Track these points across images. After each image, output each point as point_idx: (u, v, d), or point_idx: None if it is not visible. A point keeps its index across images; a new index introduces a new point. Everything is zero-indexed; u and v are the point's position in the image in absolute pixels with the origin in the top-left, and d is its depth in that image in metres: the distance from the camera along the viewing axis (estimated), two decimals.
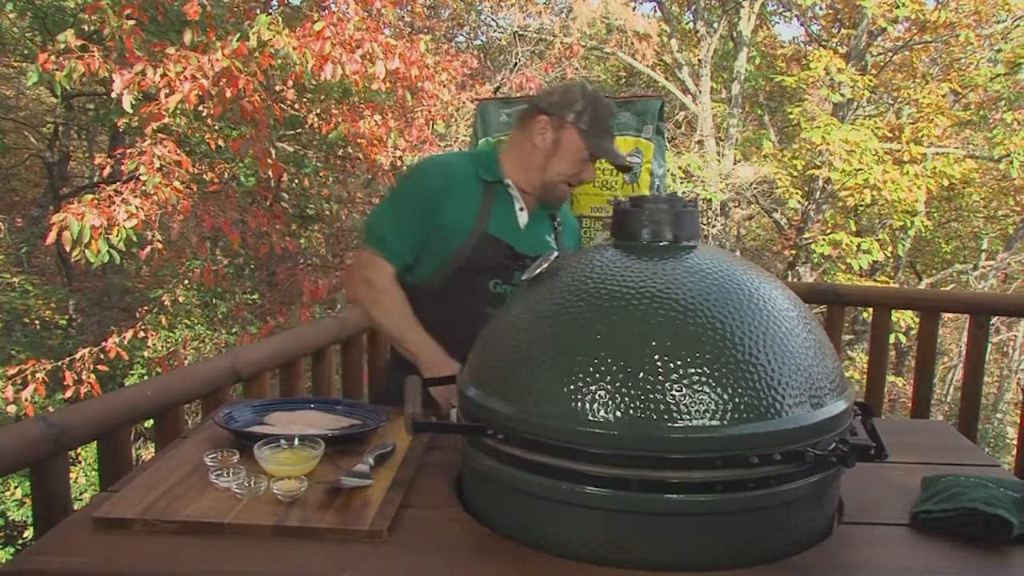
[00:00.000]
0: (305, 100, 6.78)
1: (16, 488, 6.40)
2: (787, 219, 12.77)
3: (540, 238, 2.06)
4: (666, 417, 1.12)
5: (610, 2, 10.34)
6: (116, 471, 1.93)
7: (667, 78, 12.29)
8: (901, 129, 10.62)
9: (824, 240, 10.50)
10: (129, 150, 5.67)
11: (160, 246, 5.93)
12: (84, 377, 5.86)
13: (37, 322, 9.03)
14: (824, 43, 12.42)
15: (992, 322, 3.41)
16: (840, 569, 1.20)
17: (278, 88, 6.30)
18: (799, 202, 11.19)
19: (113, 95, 5.23)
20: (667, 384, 1.13)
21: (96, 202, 5.26)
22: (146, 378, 6.91)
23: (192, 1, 5.40)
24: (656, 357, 1.15)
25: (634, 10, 11.60)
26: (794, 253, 11.99)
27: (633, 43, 10.93)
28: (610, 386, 1.14)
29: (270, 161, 5.98)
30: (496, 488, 1.26)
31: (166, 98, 5.16)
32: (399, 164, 6.63)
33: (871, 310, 3.76)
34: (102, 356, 6.08)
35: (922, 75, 11.68)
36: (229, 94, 5.31)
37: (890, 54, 11.97)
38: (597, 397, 1.14)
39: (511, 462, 1.21)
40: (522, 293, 1.40)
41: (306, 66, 5.39)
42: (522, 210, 2.04)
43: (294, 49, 5.29)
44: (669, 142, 11.23)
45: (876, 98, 12.17)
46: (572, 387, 1.16)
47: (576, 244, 2.29)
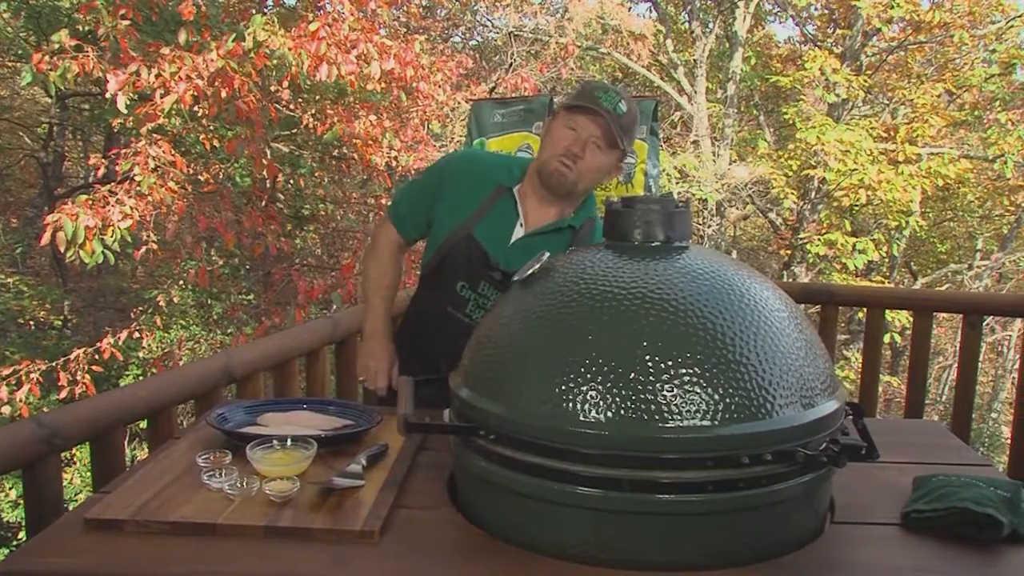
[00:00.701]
0: (300, 100, 6.78)
1: (11, 489, 6.38)
2: (782, 219, 12.78)
3: (530, 257, 2.02)
4: (657, 417, 1.13)
5: (605, 2, 10.34)
6: (109, 472, 1.92)
7: (663, 78, 12.30)
8: (896, 129, 10.64)
9: (819, 240, 10.52)
10: (124, 150, 5.66)
11: (155, 246, 5.92)
12: (79, 378, 5.84)
13: (32, 323, 9.00)
14: (819, 43, 12.45)
15: (986, 322, 3.42)
16: (831, 568, 1.20)
17: (273, 88, 6.29)
18: (794, 202, 11.21)
19: (108, 95, 5.22)
20: (658, 384, 1.14)
21: (91, 202, 5.24)
22: (141, 379, 6.90)
23: (187, 1, 5.39)
24: (647, 357, 1.15)
25: (629, 10, 11.61)
26: (789, 253, 12.01)
27: (629, 43, 10.93)
28: (601, 386, 1.15)
29: (265, 162, 5.98)
30: (488, 489, 1.26)
31: (161, 98, 5.15)
32: (394, 164, 6.63)
33: (865, 310, 3.77)
34: (97, 357, 6.06)
35: (917, 75, 11.69)
36: (224, 94, 5.30)
37: (885, 54, 12.00)
38: (588, 397, 1.15)
39: (503, 463, 1.21)
40: (514, 293, 1.40)
41: (301, 67, 5.39)
42: (521, 226, 1.99)
43: (289, 50, 5.28)
44: (665, 142, 11.25)
45: (871, 98, 12.19)
46: (563, 387, 1.16)
47: None
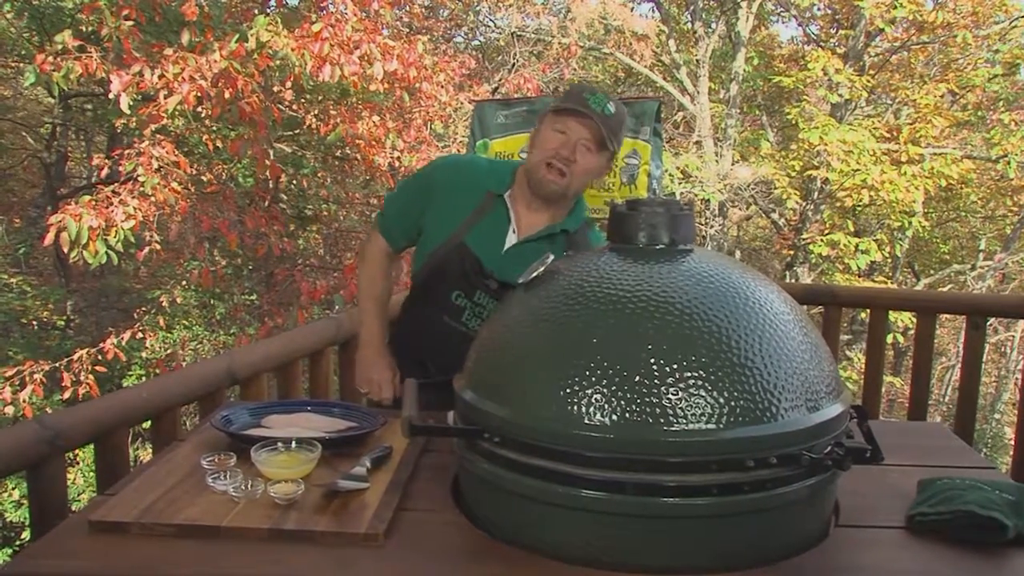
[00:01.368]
0: (303, 101, 6.78)
1: (13, 489, 6.39)
2: (785, 219, 12.77)
3: (525, 264, 2.00)
4: (662, 421, 1.12)
5: (608, 2, 10.33)
6: (113, 473, 1.93)
7: (665, 79, 12.29)
8: (899, 129, 10.63)
9: (822, 240, 10.51)
10: (127, 151, 5.66)
11: (158, 247, 5.93)
12: (82, 378, 5.85)
13: (35, 323, 9.01)
14: (822, 43, 12.43)
15: (990, 322, 3.42)
16: (836, 572, 1.20)
17: (276, 89, 6.30)
18: (797, 202, 11.19)
19: (111, 96, 5.23)
20: (663, 388, 1.14)
21: (94, 203, 5.25)
22: (144, 379, 6.91)
23: (190, 2, 5.40)
24: (652, 361, 1.15)
25: (632, 11, 11.61)
26: (792, 253, 12.00)
27: (631, 43, 10.93)
28: (606, 389, 1.15)
29: (268, 162, 5.98)
30: (492, 491, 1.26)
31: (165, 99, 5.16)
32: (397, 165, 6.63)
33: (868, 311, 3.76)
34: (100, 357, 6.07)
35: (920, 76, 11.68)
36: (227, 95, 5.31)
37: (888, 55, 11.98)
38: (593, 400, 1.15)
39: (507, 465, 1.21)
40: (518, 295, 1.40)
41: (304, 67, 5.39)
42: (514, 232, 1.98)
43: (292, 50, 5.29)
44: (667, 142, 11.24)
45: (874, 99, 12.17)
46: (568, 390, 1.16)
47: None
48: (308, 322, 6.32)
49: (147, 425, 2.16)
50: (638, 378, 1.14)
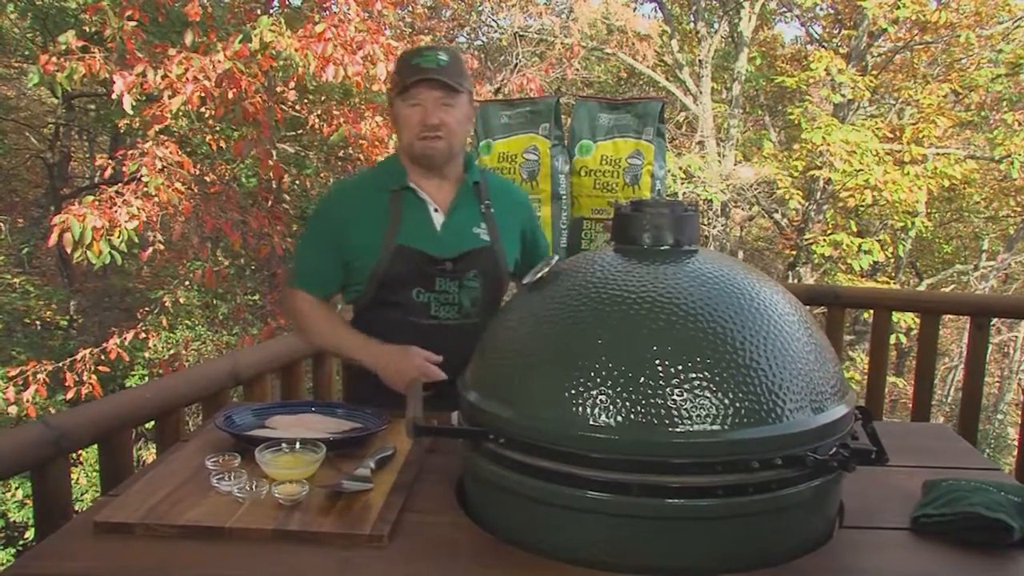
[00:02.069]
0: (306, 101, 6.78)
1: (17, 489, 6.40)
2: (787, 220, 12.76)
3: (464, 233, 1.98)
4: (667, 422, 1.12)
5: (611, 3, 10.33)
6: (116, 474, 1.93)
7: (668, 79, 12.28)
8: (902, 130, 10.61)
9: (825, 241, 10.49)
10: (130, 151, 5.67)
11: (161, 247, 5.94)
12: (85, 378, 5.87)
13: (38, 323, 9.03)
14: (825, 44, 12.42)
15: (993, 323, 3.41)
16: (841, 573, 1.20)
17: (279, 89, 6.30)
18: (800, 203, 11.17)
19: (114, 96, 5.23)
20: (668, 389, 1.14)
21: (97, 203, 5.26)
22: (147, 379, 6.92)
23: (193, 2, 5.40)
24: (657, 362, 1.15)
25: (635, 11, 11.60)
26: (794, 254, 11.98)
27: (634, 44, 10.92)
28: (611, 391, 1.15)
29: (271, 162, 5.98)
30: (497, 493, 1.26)
31: (169, 99, 5.17)
32: None
33: (871, 312, 3.76)
34: (103, 357, 6.09)
35: (923, 76, 11.66)
36: (231, 95, 5.31)
37: (891, 55, 11.96)
38: (598, 402, 1.15)
39: (512, 467, 1.21)
40: (522, 297, 1.40)
41: (308, 68, 5.39)
42: (437, 211, 1.98)
43: (296, 51, 5.29)
44: (669, 143, 11.22)
45: (877, 99, 12.15)
46: (573, 392, 1.16)
47: (527, 217, 2.17)
48: None
49: (150, 425, 2.16)
50: (643, 379, 1.14)
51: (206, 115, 5.70)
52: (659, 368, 1.15)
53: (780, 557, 1.19)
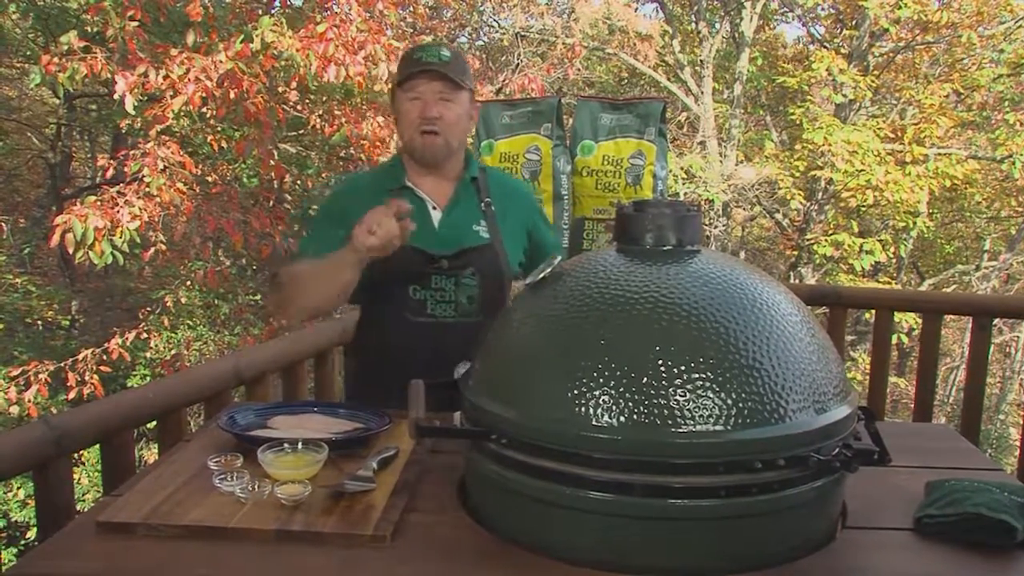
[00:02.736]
0: (308, 101, 6.78)
1: (19, 489, 6.40)
2: (789, 220, 12.76)
3: (463, 230, 1.99)
4: (670, 422, 1.12)
5: (612, 3, 10.33)
6: (118, 474, 1.93)
7: (669, 79, 12.28)
8: (903, 130, 10.60)
9: (826, 241, 10.49)
10: (132, 151, 5.67)
11: (163, 247, 5.94)
12: (87, 378, 5.88)
13: (40, 323, 9.03)
14: (826, 44, 12.41)
15: (994, 323, 3.41)
16: (844, 574, 1.20)
17: (281, 90, 6.30)
18: (801, 203, 11.17)
19: (116, 96, 5.24)
20: (671, 389, 1.13)
21: (99, 203, 5.26)
22: (148, 379, 6.92)
23: (195, 2, 5.40)
24: (660, 362, 1.15)
25: (636, 11, 11.61)
26: (796, 254, 11.98)
27: (635, 44, 10.93)
28: (614, 391, 1.14)
29: (273, 162, 5.99)
30: (499, 493, 1.26)
31: (170, 100, 5.17)
32: None
33: (873, 312, 3.75)
34: (105, 357, 6.09)
35: (924, 76, 11.66)
36: (232, 96, 5.32)
37: (892, 55, 11.96)
38: (601, 402, 1.14)
39: (514, 467, 1.21)
40: (525, 297, 1.40)
41: (309, 68, 5.39)
42: (435, 208, 1.99)
43: (297, 51, 5.29)
44: (671, 143, 11.22)
45: (878, 99, 12.15)
46: (576, 392, 1.16)
47: (531, 212, 2.16)
48: (313, 323, 6.31)
49: (152, 425, 2.16)
50: (646, 379, 1.14)
51: (208, 115, 5.70)
52: (662, 368, 1.15)
53: (783, 558, 1.19)
